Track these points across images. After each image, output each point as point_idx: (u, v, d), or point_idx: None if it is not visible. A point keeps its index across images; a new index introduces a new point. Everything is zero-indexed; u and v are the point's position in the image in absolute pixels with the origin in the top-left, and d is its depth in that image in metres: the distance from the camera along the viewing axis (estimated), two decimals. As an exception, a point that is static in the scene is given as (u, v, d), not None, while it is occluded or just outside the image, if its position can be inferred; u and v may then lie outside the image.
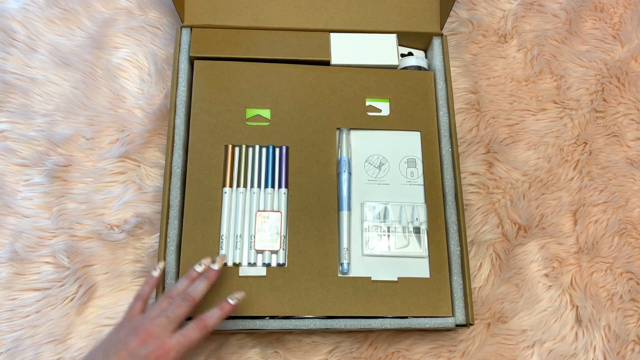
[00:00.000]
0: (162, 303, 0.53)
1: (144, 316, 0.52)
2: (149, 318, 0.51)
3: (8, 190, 0.67)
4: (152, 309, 0.52)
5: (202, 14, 0.69)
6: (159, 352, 0.49)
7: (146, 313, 0.52)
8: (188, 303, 0.53)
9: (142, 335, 0.50)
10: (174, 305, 0.52)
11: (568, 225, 0.70)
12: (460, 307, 0.60)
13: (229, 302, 0.54)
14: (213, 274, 0.55)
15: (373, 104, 0.68)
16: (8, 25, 0.74)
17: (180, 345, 0.50)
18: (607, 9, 0.81)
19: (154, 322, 0.51)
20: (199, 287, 0.54)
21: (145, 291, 0.55)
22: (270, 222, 0.61)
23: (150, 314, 0.52)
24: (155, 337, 0.50)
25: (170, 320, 0.51)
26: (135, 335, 0.50)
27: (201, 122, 0.65)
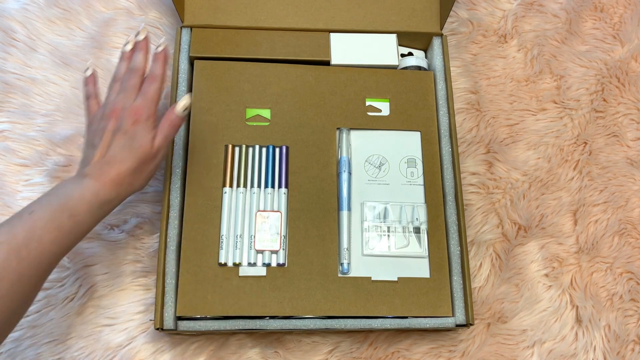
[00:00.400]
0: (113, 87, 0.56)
1: (104, 104, 0.55)
2: (109, 102, 0.55)
3: (8, 190, 0.67)
4: (108, 96, 0.56)
5: (202, 14, 0.69)
6: (133, 116, 0.53)
7: (105, 101, 0.56)
8: (136, 72, 0.55)
9: (113, 114, 0.53)
10: (124, 81, 0.55)
11: (568, 225, 0.70)
12: (460, 307, 0.60)
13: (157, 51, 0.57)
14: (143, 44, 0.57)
15: (373, 104, 0.68)
16: (8, 25, 0.74)
17: (146, 100, 0.54)
18: (607, 9, 0.81)
19: (116, 99, 0.54)
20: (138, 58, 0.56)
21: (91, 90, 0.58)
22: (270, 222, 0.61)
23: (108, 99, 0.56)
24: (123, 109, 0.53)
25: (128, 92, 0.54)
26: (108, 118, 0.53)
27: (201, 122, 0.65)
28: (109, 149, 0.53)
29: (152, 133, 0.54)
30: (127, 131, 0.53)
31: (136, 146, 0.52)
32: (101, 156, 0.52)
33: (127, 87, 0.55)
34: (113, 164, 0.52)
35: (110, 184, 0.51)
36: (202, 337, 0.63)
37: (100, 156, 0.52)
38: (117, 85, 0.56)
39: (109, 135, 0.53)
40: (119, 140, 0.52)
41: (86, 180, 0.51)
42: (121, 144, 0.52)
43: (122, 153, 0.52)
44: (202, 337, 0.63)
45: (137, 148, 0.53)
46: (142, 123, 0.53)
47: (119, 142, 0.52)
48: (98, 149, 0.53)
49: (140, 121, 0.53)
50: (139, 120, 0.53)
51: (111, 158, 0.52)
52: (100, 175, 0.51)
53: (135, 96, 0.54)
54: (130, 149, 0.52)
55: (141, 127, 0.53)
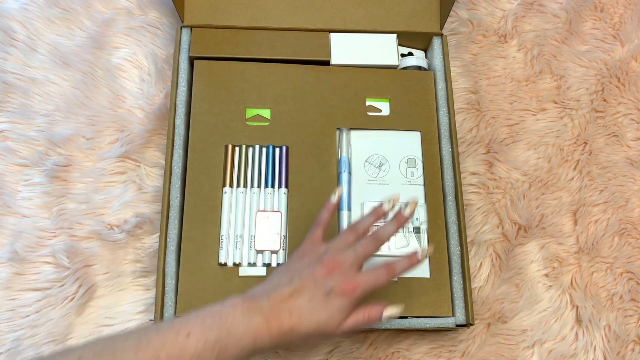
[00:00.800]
0: (348, 235, 0.50)
1: (328, 246, 0.50)
2: (335, 249, 0.49)
3: (8, 190, 0.67)
4: (337, 240, 0.50)
5: (202, 14, 0.69)
6: (345, 286, 0.47)
7: (331, 243, 0.50)
8: (377, 243, 0.50)
9: (329, 266, 0.47)
10: (363, 244, 0.50)
11: (568, 225, 0.70)
12: (460, 307, 0.60)
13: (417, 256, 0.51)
14: (403, 220, 0.52)
15: (373, 104, 0.68)
16: (8, 25, 0.74)
17: (368, 284, 0.48)
18: (607, 9, 0.81)
19: (341, 254, 0.49)
20: (388, 228, 0.51)
21: (325, 217, 0.52)
22: (270, 222, 0.61)
23: (336, 245, 0.49)
24: (342, 271, 0.47)
25: (358, 256, 0.49)
26: (321, 265, 0.48)
27: (201, 122, 0.65)
28: (300, 296, 0.46)
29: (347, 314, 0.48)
30: (329, 296, 0.47)
31: (325, 318, 0.46)
32: (289, 298, 0.46)
33: (360, 251, 0.49)
34: (293, 316, 0.46)
35: (277, 334, 0.45)
36: (202, 337, 0.63)
37: (288, 297, 0.46)
38: (352, 236, 0.51)
39: (311, 284, 0.47)
40: (315, 299, 0.46)
41: (257, 318, 0.45)
42: (315, 303, 0.46)
43: (308, 313, 0.46)
44: (202, 337, 0.63)
45: (325, 321, 0.46)
46: (347, 300, 0.47)
47: (314, 299, 0.46)
48: (290, 288, 0.47)
49: (348, 297, 0.47)
50: (347, 295, 0.47)
51: (295, 310, 0.46)
52: (274, 319, 0.45)
53: (360, 266, 0.49)
54: (317, 316, 0.46)
55: (344, 304, 0.47)
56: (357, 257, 0.49)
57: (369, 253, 0.50)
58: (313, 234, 0.52)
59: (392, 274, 0.49)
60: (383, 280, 0.49)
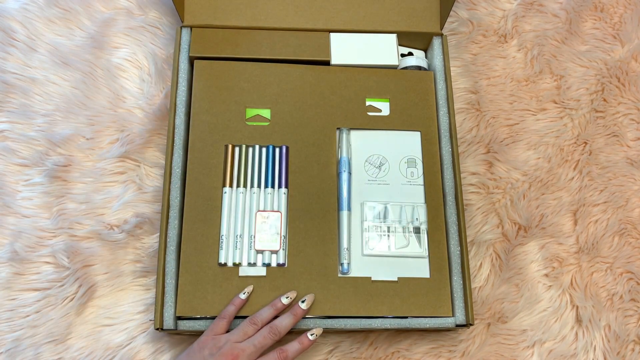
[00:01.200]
0: (246, 328, 0.54)
1: (228, 338, 0.53)
2: (234, 342, 0.53)
3: (8, 190, 0.67)
4: (236, 333, 0.54)
5: (202, 14, 0.69)
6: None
7: (231, 336, 0.54)
8: (274, 336, 0.54)
9: (228, 358, 0.51)
10: (261, 335, 0.54)
11: (568, 225, 0.70)
12: (460, 307, 0.60)
13: (308, 337, 0.55)
14: (300, 313, 0.56)
15: (373, 104, 0.68)
16: (8, 25, 0.74)
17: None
18: (607, 9, 0.81)
19: (240, 346, 0.53)
20: (285, 322, 0.55)
21: (230, 311, 0.56)
22: (270, 222, 0.61)
23: (235, 338, 0.53)
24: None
25: (256, 349, 0.53)
26: (221, 355, 0.52)
27: (201, 122, 0.65)
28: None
29: None
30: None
31: None
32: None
33: (258, 344, 0.53)
34: None
35: None
36: (202, 337, 0.63)
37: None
38: (251, 329, 0.55)
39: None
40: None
41: None
42: None
43: None
44: (202, 337, 0.63)
45: None
46: None
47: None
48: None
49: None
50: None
51: None
52: None
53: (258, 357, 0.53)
54: None
55: None
56: (256, 350, 0.53)
57: (265, 345, 0.54)
58: (215, 327, 0.55)
59: (284, 358, 0.54)
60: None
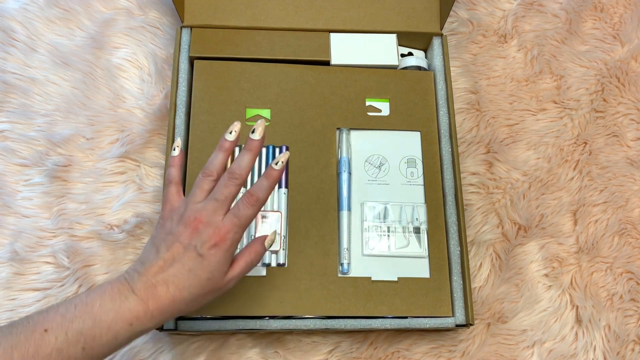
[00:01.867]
0: (202, 184, 0.47)
1: (187, 202, 0.47)
2: (194, 203, 0.46)
3: (8, 190, 0.67)
4: (194, 193, 0.47)
5: (202, 14, 0.69)
6: (215, 238, 0.44)
7: (189, 198, 0.47)
8: (235, 182, 0.46)
9: (193, 224, 0.45)
10: (220, 186, 0.46)
11: (568, 225, 0.70)
12: (460, 307, 0.60)
13: (273, 167, 0.48)
14: (256, 145, 0.48)
15: (373, 104, 0.68)
16: (8, 25, 0.74)
17: (236, 225, 0.45)
18: (607, 9, 0.81)
19: (202, 207, 0.46)
20: (243, 162, 0.47)
21: (173, 174, 0.49)
22: (270, 222, 0.61)
23: (194, 199, 0.46)
24: (207, 223, 0.45)
25: (220, 203, 0.46)
26: (185, 225, 0.45)
27: (201, 122, 0.65)
28: (172, 265, 0.44)
29: (228, 262, 0.46)
30: (202, 254, 0.44)
31: (206, 276, 0.44)
32: (160, 270, 0.44)
33: (219, 196, 0.46)
34: (170, 287, 0.44)
35: (157, 312, 0.43)
36: (202, 337, 0.63)
37: (159, 270, 0.44)
38: (208, 183, 0.47)
39: (179, 249, 0.44)
40: (189, 261, 0.44)
41: (129, 301, 0.42)
42: (189, 266, 0.44)
43: (186, 278, 0.44)
44: (202, 337, 0.63)
45: (207, 279, 0.44)
46: (223, 250, 0.45)
47: (187, 262, 0.44)
48: (159, 259, 0.44)
49: (221, 247, 0.45)
50: (220, 246, 0.44)
51: (171, 279, 0.44)
52: (151, 297, 0.43)
53: (227, 211, 0.46)
54: (197, 277, 0.44)
55: (220, 255, 0.45)
56: (220, 204, 0.46)
57: (230, 194, 0.46)
58: (167, 195, 0.48)
59: (255, 203, 0.46)
60: (250, 212, 0.46)
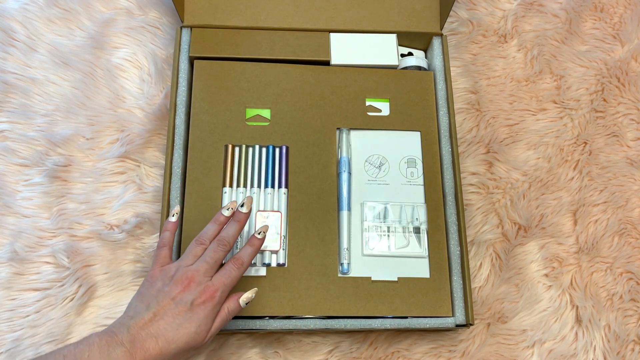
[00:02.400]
0: (194, 250, 0.52)
1: (179, 265, 0.51)
2: (185, 266, 0.50)
3: (8, 190, 0.67)
4: (185, 257, 0.51)
5: (202, 14, 0.69)
6: (205, 295, 0.49)
7: (181, 261, 0.51)
8: (224, 247, 0.52)
9: (184, 282, 0.49)
10: (210, 251, 0.51)
11: (568, 225, 0.70)
12: (460, 307, 0.60)
13: (257, 237, 0.53)
14: (243, 217, 0.54)
15: (373, 104, 0.68)
16: (8, 25, 0.74)
17: (224, 284, 0.50)
18: (607, 9, 0.81)
19: (193, 268, 0.50)
20: (231, 231, 0.53)
21: (167, 238, 0.54)
22: (270, 222, 0.61)
23: (186, 262, 0.51)
24: (198, 282, 0.49)
25: (210, 265, 0.50)
26: (176, 284, 0.49)
27: (201, 122, 0.65)
28: (162, 318, 0.47)
29: (213, 319, 0.49)
30: (192, 309, 0.48)
31: (194, 330, 0.47)
32: (150, 323, 0.47)
33: (209, 260, 0.50)
34: (159, 340, 0.46)
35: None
36: (202, 337, 0.63)
37: (149, 323, 0.47)
38: (200, 250, 0.52)
39: (170, 304, 0.48)
40: (179, 315, 0.47)
41: (118, 352, 0.44)
42: (179, 320, 0.47)
43: (175, 332, 0.47)
44: (202, 337, 0.63)
45: (194, 333, 0.47)
46: (211, 306, 0.48)
47: (178, 316, 0.47)
48: (149, 313, 0.47)
49: (210, 303, 0.48)
50: (209, 302, 0.48)
51: (160, 332, 0.46)
52: (139, 349, 0.45)
53: (215, 273, 0.51)
54: (185, 331, 0.47)
55: (209, 310, 0.48)
56: (210, 266, 0.50)
57: (218, 258, 0.51)
58: (159, 257, 0.52)
59: (241, 266, 0.51)
60: (236, 274, 0.51)
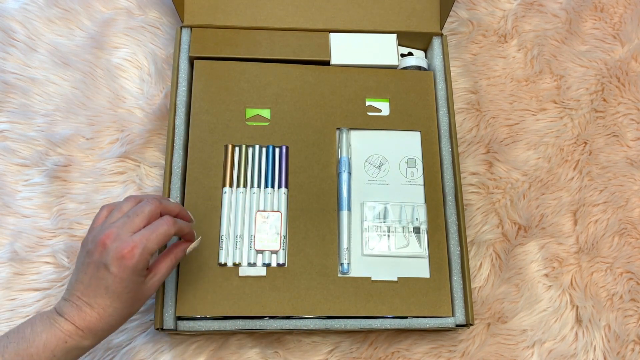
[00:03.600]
0: (124, 206, 0.48)
1: (104, 222, 0.47)
2: (107, 223, 0.47)
3: (8, 190, 0.67)
4: (113, 214, 0.47)
5: (202, 14, 0.69)
6: (121, 251, 0.44)
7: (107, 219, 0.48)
8: (154, 202, 0.47)
9: (102, 240, 0.45)
10: (138, 206, 0.47)
11: (568, 225, 0.70)
12: (460, 307, 0.60)
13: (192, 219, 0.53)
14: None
15: (373, 104, 0.68)
16: (8, 25, 0.74)
17: (146, 239, 0.45)
18: (607, 9, 0.81)
19: (113, 223, 0.46)
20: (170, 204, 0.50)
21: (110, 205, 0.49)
22: (270, 222, 0.61)
23: (110, 219, 0.47)
24: (114, 238, 0.44)
25: (131, 218, 0.46)
26: (95, 243, 0.45)
27: (201, 122, 0.65)
28: (89, 286, 0.45)
29: (145, 274, 0.47)
30: (111, 270, 0.44)
31: (122, 291, 0.45)
32: (82, 294, 0.45)
33: (131, 213, 0.46)
34: (94, 307, 0.45)
35: (88, 330, 0.45)
36: (202, 337, 0.63)
37: (80, 293, 0.46)
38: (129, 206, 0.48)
39: (93, 269, 0.45)
40: (103, 280, 0.45)
41: (59, 320, 0.45)
42: (105, 284, 0.45)
43: (105, 296, 0.45)
44: (202, 337, 0.63)
45: (125, 293, 0.45)
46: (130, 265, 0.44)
47: (102, 281, 0.45)
48: (79, 282, 0.46)
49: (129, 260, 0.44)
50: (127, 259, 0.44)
51: (92, 300, 0.45)
52: (77, 317, 0.45)
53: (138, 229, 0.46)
54: (115, 293, 0.45)
55: (129, 270, 0.44)
56: (131, 219, 0.46)
57: (143, 212, 0.46)
58: (95, 218, 0.49)
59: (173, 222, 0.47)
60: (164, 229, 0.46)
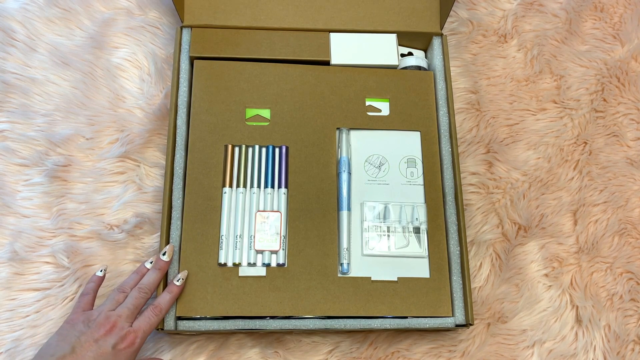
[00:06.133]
0: (116, 297, 0.55)
1: (101, 309, 0.54)
2: (107, 310, 0.54)
3: (8, 190, 0.67)
4: (107, 303, 0.55)
5: (202, 14, 0.69)
6: (127, 341, 0.52)
7: (103, 306, 0.54)
8: (144, 295, 0.56)
9: (106, 326, 0.52)
10: (132, 298, 0.55)
11: (568, 225, 0.70)
12: (460, 307, 0.60)
13: (175, 283, 0.57)
14: (163, 265, 0.58)
15: (373, 104, 0.68)
16: (8, 25, 0.74)
17: (143, 331, 0.53)
18: (607, 9, 0.81)
19: (115, 313, 0.53)
20: (151, 278, 0.57)
21: (92, 287, 0.57)
22: (270, 222, 0.61)
23: (108, 307, 0.54)
24: (119, 327, 0.52)
25: (131, 311, 0.54)
26: (98, 327, 0.52)
27: (201, 122, 0.65)
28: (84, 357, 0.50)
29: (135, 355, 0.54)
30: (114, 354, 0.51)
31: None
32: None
33: (130, 306, 0.54)
34: None
35: None
36: (202, 337, 0.63)
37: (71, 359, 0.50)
38: (121, 296, 0.55)
39: (93, 346, 0.51)
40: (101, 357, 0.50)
41: None
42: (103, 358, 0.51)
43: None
44: (202, 337, 0.63)
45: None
46: (132, 350, 0.52)
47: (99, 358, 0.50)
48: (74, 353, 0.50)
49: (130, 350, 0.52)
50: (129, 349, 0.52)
51: None
52: None
53: (135, 318, 0.54)
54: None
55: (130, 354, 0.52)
56: (130, 311, 0.54)
57: (139, 304, 0.55)
58: (81, 303, 0.55)
59: (159, 312, 0.55)
60: (155, 320, 0.55)
